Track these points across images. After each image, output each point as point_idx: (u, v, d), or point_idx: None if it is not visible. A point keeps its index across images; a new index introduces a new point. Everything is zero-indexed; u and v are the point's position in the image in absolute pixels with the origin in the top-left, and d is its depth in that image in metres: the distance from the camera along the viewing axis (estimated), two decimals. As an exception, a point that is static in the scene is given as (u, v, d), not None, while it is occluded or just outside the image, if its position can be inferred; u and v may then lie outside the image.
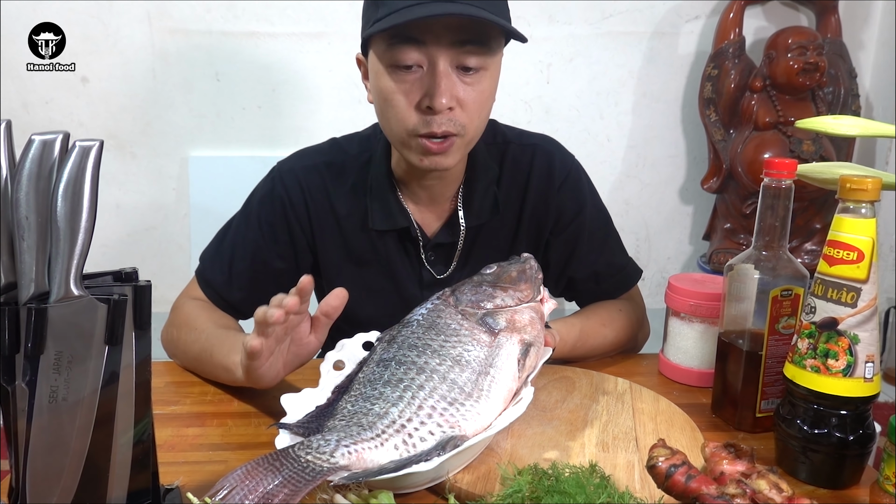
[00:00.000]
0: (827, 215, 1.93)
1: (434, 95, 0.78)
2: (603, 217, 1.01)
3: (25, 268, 0.50)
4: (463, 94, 0.80)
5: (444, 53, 0.77)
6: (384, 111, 0.83)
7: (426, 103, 0.79)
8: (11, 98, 1.81)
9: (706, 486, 0.52)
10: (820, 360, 0.64)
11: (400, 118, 0.81)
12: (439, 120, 0.79)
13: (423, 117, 0.80)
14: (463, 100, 0.80)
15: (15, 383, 0.51)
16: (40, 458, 0.52)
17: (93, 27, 1.80)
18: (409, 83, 0.79)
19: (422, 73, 0.79)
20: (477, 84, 0.80)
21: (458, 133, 0.81)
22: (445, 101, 0.78)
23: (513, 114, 1.96)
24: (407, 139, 0.82)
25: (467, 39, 0.77)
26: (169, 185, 1.92)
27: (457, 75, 0.79)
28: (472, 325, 0.68)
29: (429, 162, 0.83)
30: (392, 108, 0.81)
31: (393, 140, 0.86)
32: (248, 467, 0.53)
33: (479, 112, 0.82)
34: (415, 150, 0.83)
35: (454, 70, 0.79)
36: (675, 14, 1.99)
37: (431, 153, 0.81)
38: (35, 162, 0.49)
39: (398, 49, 0.78)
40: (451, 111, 0.79)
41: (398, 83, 0.79)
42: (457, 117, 0.80)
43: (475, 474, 0.63)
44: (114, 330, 0.53)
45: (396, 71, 0.79)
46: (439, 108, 0.78)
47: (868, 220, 0.62)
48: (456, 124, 0.80)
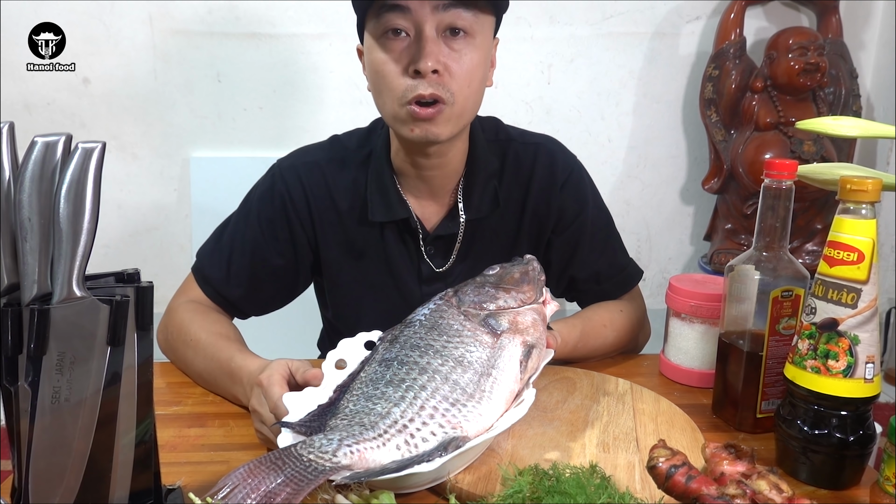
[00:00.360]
0: (828, 216, 1.93)
1: (420, 59, 0.79)
2: (604, 217, 1.01)
3: (28, 269, 0.50)
4: (450, 61, 0.81)
5: (430, 17, 0.80)
6: (377, 85, 0.85)
7: (413, 68, 0.80)
8: (13, 99, 1.82)
9: (706, 486, 0.52)
10: (820, 361, 0.64)
11: (390, 87, 0.82)
12: (426, 83, 0.80)
13: (410, 83, 0.81)
14: (450, 66, 0.81)
15: (18, 384, 0.51)
16: (43, 458, 0.52)
17: (94, 28, 1.81)
18: (398, 52, 0.81)
19: (409, 40, 0.81)
20: (463, 51, 0.82)
21: (445, 100, 0.82)
22: (431, 63, 0.79)
23: (514, 114, 1.96)
24: (398, 109, 0.83)
25: (451, 2, 0.79)
26: (170, 185, 1.93)
27: (443, 40, 0.81)
28: (475, 326, 0.68)
29: (419, 130, 0.83)
30: (383, 77, 0.82)
31: (387, 115, 0.86)
32: (250, 466, 0.53)
33: (467, 80, 0.83)
34: (405, 121, 0.83)
35: (441, 36, 0.81)
36: (676, 15, 1.99)
37: (420, 119, 0.82)
38: (38, 163, 0.49)
39: (386, 16, 0.80)
40: (437, 75, 0.81)
41: (387, 52, 0.82)
42: (444, 82, 0.81)
43: (476, 475, 0.63)
44: (116, 331, 0.53)
45: (386, 40, 0.81)
46: (425, 69, 0.79)
47: (868, 221, 0.62)
48: (444, 89, 0.81)
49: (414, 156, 0.90)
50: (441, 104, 0.81)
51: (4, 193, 0.50)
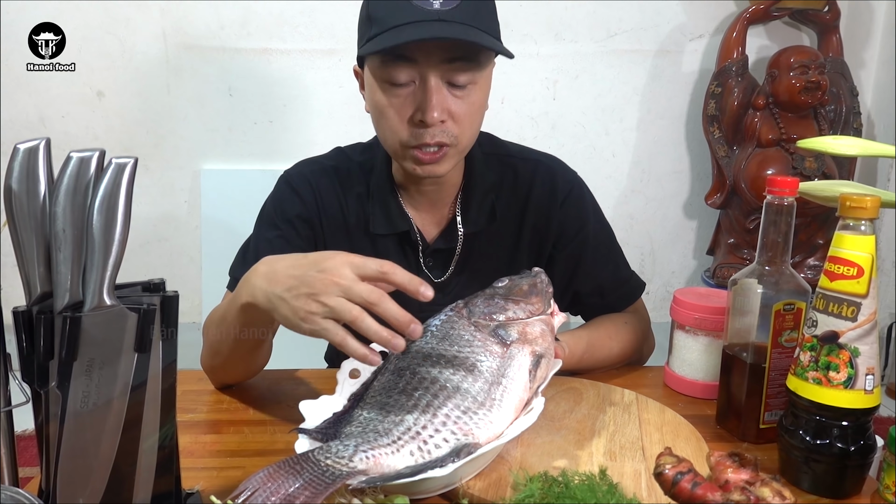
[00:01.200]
0: (829, 231, 1.94)
1: (426, 110, 0.81)
2: (606, 232, 1.03)
3: (61, 278, 0.52)
4: (454, 108, 0.83)
5: (435, 70, 0.81)
6: (379, 123, 0.87)
7: (418, 117, 0.82)
8: (29, 111, 1.85)
9: (712, 493, 0.53)
10: (822, 373, 0.65)
11: (393, 131, 0.84)
12: (431, 132, 0.83)
13: (415, 130, 0.83)
14: (454, 112, 0.83)
15: (48, 388, 0.53)
16: (70, 460, 0.54)
17: (109, 43, 1.85)
18: (402, 98, 0.83)
19: (414, 87, 0.83)
20: (467, 97, 0.84)
21: (450, 143, 0.85)
22: (437, 114, 0.81)
23: (519, 129, 1.99)
24: (400, 150, 0.86)
25: (457, 57, 0.81)
26: (181, 197, 1.96)
27: (447, 89, 0.83)
28: (485, 336, 0.70)
29: (422, 171, 0.86)
30: (386, 120, 0.85)
31: (388, 150, 0.90)
32: (269, 470, 0.55)
33: (470, 123, 0.86)
34: (409, 160, 0.86)
35: (445, 84, 0.82)
36: (680, 33, 2.03)
37: (424, 163, 0.85)
38: (72, 177, 0.52)
39: (390, 67, 0.81)
40: (442, 123, 0.83)
41: (391, 98, 0.83)
42: (448, 129, 0.84)
43: (487, 481, 0.65)
44: (143, 338, 0.55)
45: (389, 87, 0.83)
46: (431, 122, 0.81)
47: (867, 237, 0.64)
48: (448, 135, 0.84)
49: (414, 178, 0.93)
50: (446, 147, 0.84)
51: (40, 206, 0.52)
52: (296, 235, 0.95)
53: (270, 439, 0.77)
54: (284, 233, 0.95)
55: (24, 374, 0.53)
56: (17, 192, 0.51)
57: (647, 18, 2.00)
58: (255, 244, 0.96)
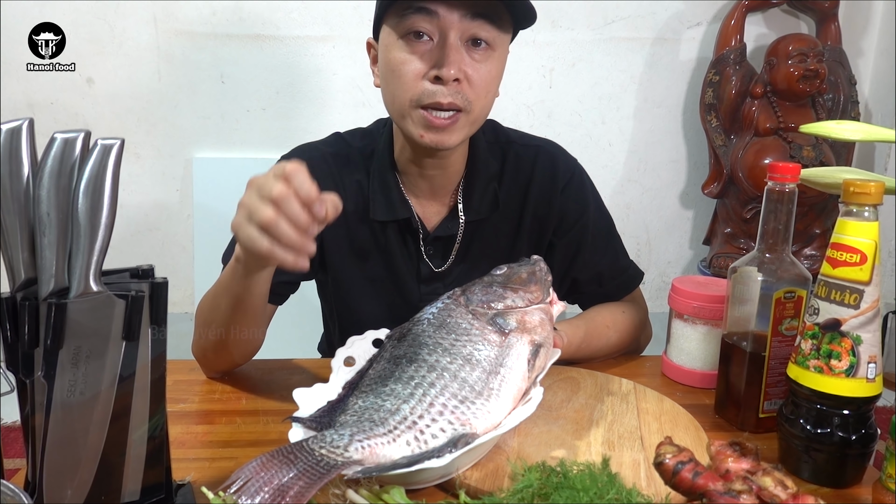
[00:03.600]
0: (826, 220, 1.94)
1: (443, 65, 0.80)
2: (606, 220, 1.02)
3: (46, 263, 0.50)
4: (471, 70, 0.82)
5: (456, 25, 0.80)
6: (391, 83, 0.84)
7: (434, 73, 0.81)
8: (17, 98, 1.82)
9: (713, 482, 0.53)
10: (823, 361, 0.65)
11: (407, 87, 0.82)
12: (446, 91, 0.81)
13: (429, 87, 0.81)
14: (470, 76, 0.82)
15: (34, 377, 0.51)
16: (57, 451, 0.53)
17: (98, 28, 1.82)
18: (420, 54, 0.81)
19: (432, 44, 0.81)
20: (484, 62, 0.83)
21: (463, 108, 0.82)
22: (454, 71, 0.80)
23: (515, 118, 1.98)
24: (410, 110, 0.83)
25: (479, 13, 0.80)
26: (173, 185, 1.93)
27: (466, 50, 0.82)
28: (483, 324, 0.69)
29: (430, 137, 0.83)
30: (400, 77, 0.82)
31: (396, 113, 0.87)
32: (262, 460, 0.54)
33: (485, 90, 0.84)
34: (417, 123, 0.83)
35: (464, 45, 0.81)
36: (677, 20, 2.01)
37: (434, 127, 0.82)
38: (57, 159, 0.50)
39: (411, 17, 0.80)
40: (458, 83, 0.81)
41: (409, 52, 0.81)
42: (464, 90, 0.82)
43: (484, 471, 0.64)
44: (131, 326, 0.53)
45: (409, 41, 0.81)
46: (447, 77, 0.80)
47: (871, 224, 0.63)
48: (463, 98, 0.82)
49: (419, 155, 0.90)
50: (458, 113, 0.82)
51: (23, 189, 0.50)
52: None
53: (263, 429, 0.76)
54: None
55: (9, 362, 0.52)
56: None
57: (645, 6, 1.99)
58: None
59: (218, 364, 0.88)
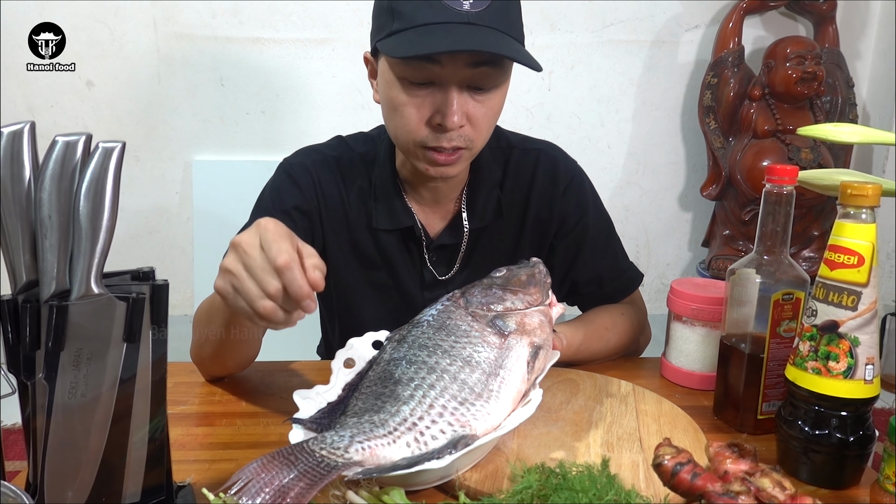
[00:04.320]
0: (825, 222, 1.95)
1: (446, 115, 0.79)
2: (605, 222, 1.03)
3: (47, 266, 0.51)
4: (473, 111, 0.81)
5: (459, 74, 0.78)
6: (393, 119, 0.84)
7: (437, 120, 0.80)
8: (17, 101, 1.83)
9: (711, 483, 0.53)
10: (821, 363, 0.65)
11: (409, 130, 0.82)
12: (449, 136, 0.81)
13: (432, 132, 0.81)
14: (473, 116, 0.81)
15: (35, 379, 0.52)
16: (58, 453, 0.53)
17: (99, 32, 1.82)
18: (421, 98, 0.80)
19: (434, 89, 0.80)
20: (487, 101, 0.82)
21: (466, 147, 0.83)
22: (457, 119, 0.79)
23: (514, 120, 1.98)
24: (414, 149, 0.84)
25: (482, 62, 0.78)
26: (172, 188, 1.94)
27: (468, 93, 0.80)
28: (483, 326, 0.69)
29: (435, 171, 0.85)
30: (402, 118, 0.82)
31: (400, 147, 0.88)
32: (263, 461, 0.54)
33: (487, 127, 0.85)
34: (422, 160, 0.84)
35: (466, 89, 0.80)
36: (675, 23, 2.02)
37: (439, 164, 0.83)
38: (58, 162, 0.50)
39: (412, 67, 0.78)
40: (461, 128, 0.81)
41: (409, 97, 0.80)
42: (466, 133, 0.82)
43: (483, 473, 0.64)
44: (132, 328, 0.54)
45: (409, 86, 0.80)
46: (451, 126, 0.79)
47: (868, 226, 0.64)
48: (465, 139, 0.82)
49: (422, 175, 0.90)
50: (461, 150, 0.83)
51: (25, 192, 0.50)
52: (293, 227, 0.92)
53: (263, 431, 0.76)
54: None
55: (10, 364, 0.52)
56: (1, 177, 0.49)
57: (643, 9, 1.99)
58: None
59: (215, 371, 0.88)
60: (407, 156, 0.87)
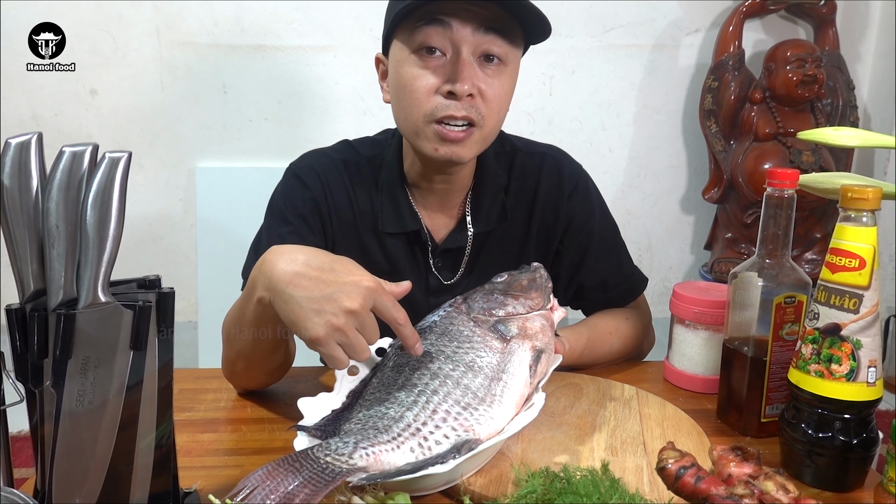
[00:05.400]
0: (827, 225, 1.95)
1: (457, 80, 0.79)
2: (611, 226, 1.03)
3: (55, 275, 0.51)
4: (484, 86, 0.82)
5: (469, 40, 0.80)
6: (402, 99, 0.84)
7: (448, 88, 0.80)
8: (21, 109, 1.84)
9: (715, 487, 0.53)
10: (824, 365, 0.65)
11: (419, 102, 0.82)
12: (459, 105, 0.81)
13: (442, 101, 0.81)
14: (483, 91, 0.82)
15: (42, 387, 0.52)
16: (66, 460, 0.53)
17: (102, 40, 1.83)
18: (432, 69, 0.81)
19: (445, 60, 0.81)
20: (497, 77, 0.82)
21: (477, 122, 0.82)
22: (468, 86, 0.80)
23: (516, 125, 1.98)
24: (423, 126, 0.83)
25: (492, 27, 0.80)
26: (176, 195, 1.94)
27: (479, 66, 0.81)
28: (485, 331, 0.69)
29: (444, 150, 0.83)
30: (412, 93, 0.82)
31: (408, 130, 0.86)
32: (268, 468, 0.54)
33: (497, 106, 0.84)
34: (430, 138, 0.83)
35: (476, 60, 0.81)
36: (676, 27, 2.02)
37: (448, 140, 0.82)
38: (65, 172, 0.51)
39: (424, 31, 0.80)
40: (471, 98, 0.81)
41: (421, 67, 0.81)
42: (477, 105, 0.82)
43: (488, 477, 0.64)
44: (139, 335, 0.54)
45: (421, 55, 0.81)
46: (461, 93, 0.80)
47: (869, 229, 0.64)
48: (476, 112, 0.82)
49: (430, 170, 0.91)
50: (472, 127, 0.82)
51: (33, 201, 0.51)
52: (309, 231, 0.93)
53: (269, 437, 0.77)
54: (297, 228, 0.92)
55: (18, 372, 0.52)
56: (8, 187, 0.50)
57: (644, 13, 2.00)
58: (269, 241, 0.92)
59: (249, 384, 0.87)
60: (416, 139, 0.86)
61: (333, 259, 0.67)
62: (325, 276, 0.64)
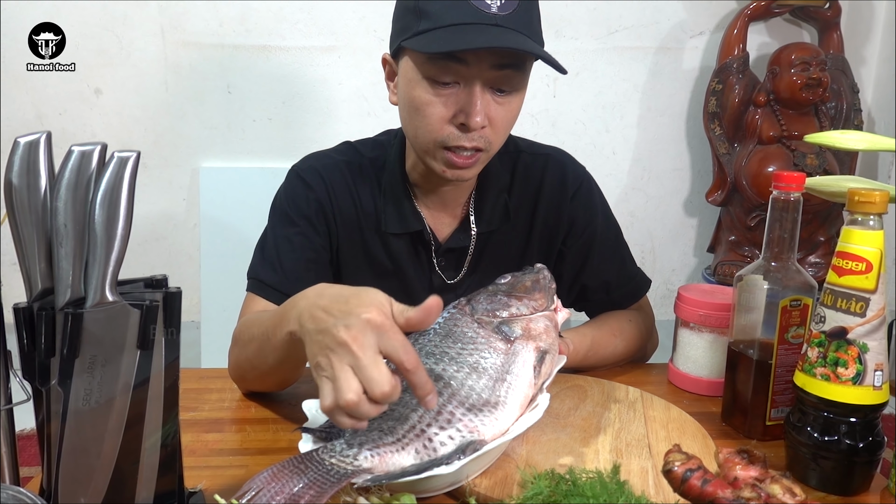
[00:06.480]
0: (831, 228, 1.95)
1: (470, 114, 0.80)
2: (614, 227, 1.03)
3: (63, 274, 0.51)
4: (494, 114, 0.82)
5: (484, 76, 0.80)
6: (413, 119, 0.84)
7: (461, 119, 0.81)
8: (26, 109, 1.84)
9: (722, 489, 0.53)
10: (830, 369, 0.65)
11: (431, 129, 0.83)
12: (471, 136, 0.82)
13: (454, 132, 0.82)
14: (494, 118, 0.82)
15: (49, 385, 0.52)
16: (72, 459, 0.53)
17: (107, 40, 1.83)
18: (445, 97, 0.81)
19: (458, 88, 0.81)
20: (508, 104, 0.83)
21: (485, 149, 0.84)
22: (480, 119, 0.80)
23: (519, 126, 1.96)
24: (433, 149, 0.84)
25: (507, 64, 0.80)
26: (179, 195, 1.95)
27: (491, 95, 0.82)
28: (489, 333, 0.69)
29: (451, 174, 0.85)
30: (424, 118, 0.83)
31: (417, 147, 0.87)
32: (274, 469, 0.54)
33: (505, 130, 0.86)
34: (439, 161, 0.85)
35: (489, 90, 0.81)
36: (680, 30, 2.02)
37: (455, 167, 0.84)
38: (74, 171, 0.51)
39: (439, 65, 0.79)
40: (482, 129, 0.82)
41: (434, 95, 0.81)
42: (486, 135, 0.83)
43: (493, 479, 0.64)
44: (145, 334, 0.54)
45: (434, 84, 0.81)
46: (474, 126, 0.80)
47: (876, 232, 0.64)
48: (485, 140, 0.83)
49: (433, 175, 0.91)
50: (480, 153, 0.84)
51: (41, 201, 0.51)
52: (314, 232, 0.93)
53: (273, 438, 0.77)
54: (303, 229, 0.93)
55: (25, 371, 0.53)
56: (17, 186, 0.50)
57: (648, 15, 2.00)
58: (274, 242, 0.93)
59: (257, 390, 0.87)
60: (424, 156, 0.87)
61: (353, 291, 0.61)
62: (335, 306, 0.59)
